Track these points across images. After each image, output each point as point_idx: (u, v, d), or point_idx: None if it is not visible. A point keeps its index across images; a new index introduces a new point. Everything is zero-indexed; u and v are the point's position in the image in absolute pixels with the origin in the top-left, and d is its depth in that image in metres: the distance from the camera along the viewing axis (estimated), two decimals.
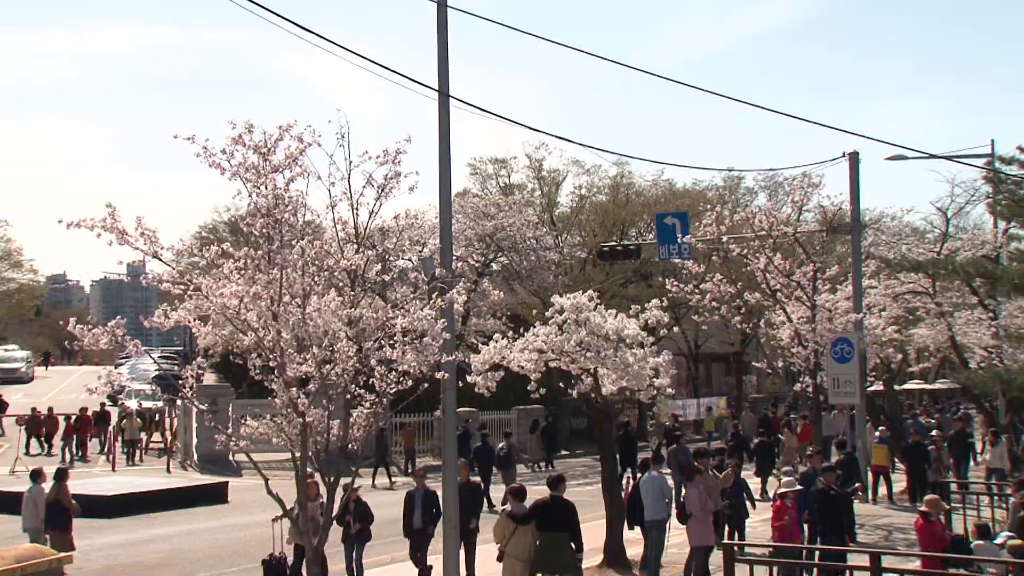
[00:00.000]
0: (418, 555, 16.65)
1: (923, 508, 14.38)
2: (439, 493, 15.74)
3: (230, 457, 32.11)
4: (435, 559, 16.15)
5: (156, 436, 38.65)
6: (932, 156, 28.93)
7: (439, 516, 15.91)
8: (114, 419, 37.96)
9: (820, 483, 16.43)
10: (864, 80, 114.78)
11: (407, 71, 13.35)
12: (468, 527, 16.29)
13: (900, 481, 26.83)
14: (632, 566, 17.34)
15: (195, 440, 34.56)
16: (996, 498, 21.61)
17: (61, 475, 17.44)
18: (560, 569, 13.72)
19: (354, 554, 16.49)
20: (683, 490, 17.18)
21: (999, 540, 13.53)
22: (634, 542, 17.71)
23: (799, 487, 16.38)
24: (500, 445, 28.61)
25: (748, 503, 18.69)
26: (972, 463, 30.82)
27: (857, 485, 17.20)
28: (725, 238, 26.83)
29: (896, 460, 27.57)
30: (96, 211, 10.79)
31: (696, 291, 26.42)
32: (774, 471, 26.33)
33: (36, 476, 17.64)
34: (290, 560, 15.15)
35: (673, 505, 17.82)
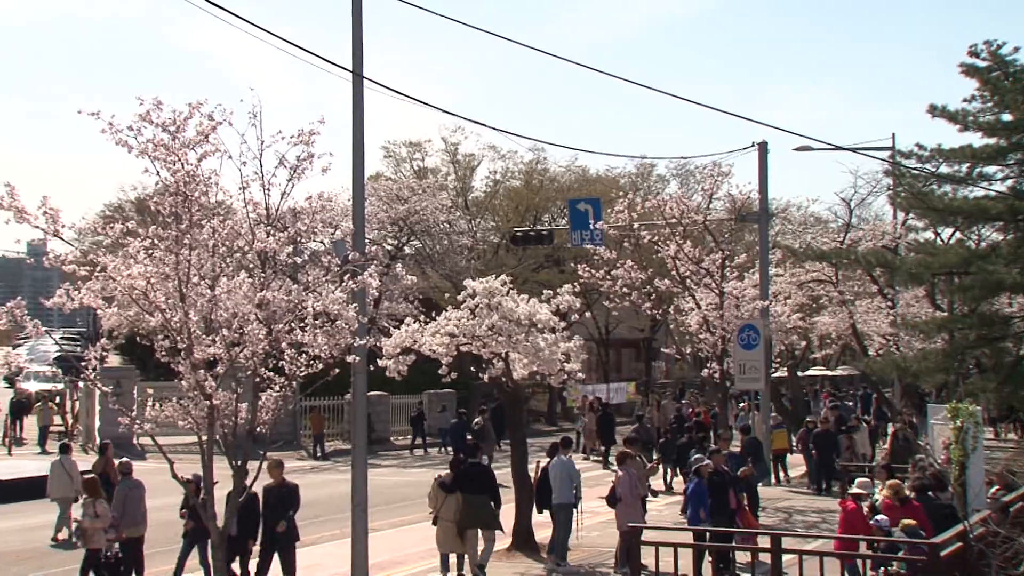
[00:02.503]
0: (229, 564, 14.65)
1: (856, 491, 14.67)
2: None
3: (134, 441, 31.50)
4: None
5: (56, 420, 37.74)
6: (837, 148, 29.73)
7: (254, 520, 14.82)
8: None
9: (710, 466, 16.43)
10: (775, 68, 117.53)
11: (322, 53, 13.22)
12: (276, 530, 15.06)
13: (799, 465, 27.34)
14: (540, 549, 17.50)
15: (98, 423, 33.83)
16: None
17: (104, 449, 18.99)
18: (483, 524, 15.95)
19: (194, 552, 15.35)
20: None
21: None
22: (543, 526, 17.87)
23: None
24: (476, 420, 29.54)
25: (650, 491, 18.89)
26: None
27: (742, 470, 17.38)
28: (637, 225, 27.14)
29: (796, 444, 28.08)
30: None
31: (607, 277, 26.69)
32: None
33: (65, 449, 20.03)
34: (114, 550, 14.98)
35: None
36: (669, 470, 25.63)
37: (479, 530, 16.08)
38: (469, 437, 26.22)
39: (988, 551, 11.56)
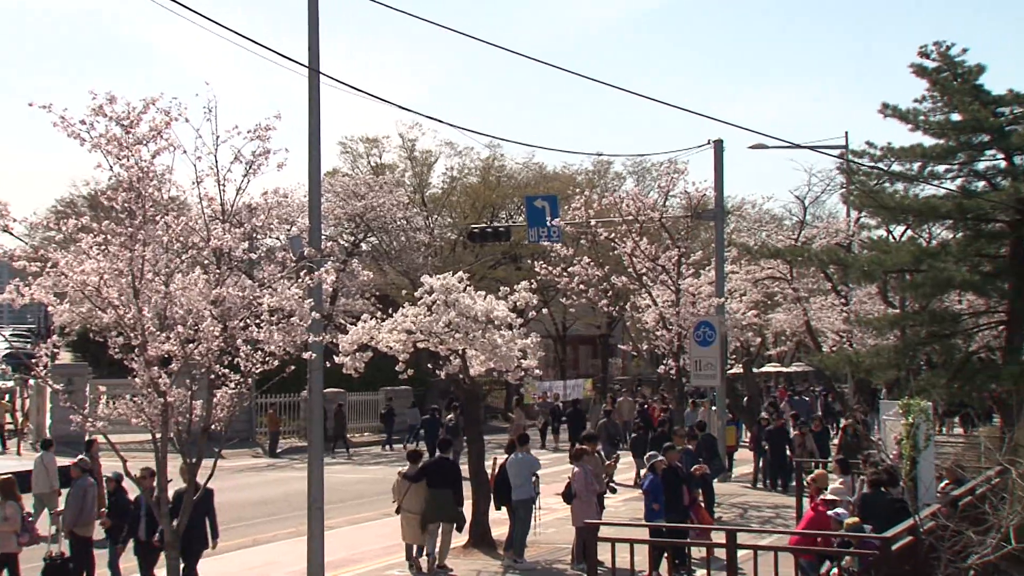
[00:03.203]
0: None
1: (829, 497, 14.79)
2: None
3: (86, 439, 31.11)
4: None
5: (8, 417, 37.17)
6: (791, 146, 29.96)
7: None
8: None
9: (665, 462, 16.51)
10: (730, 66, 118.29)
11: (279, 48, 13.14)
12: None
13: (747, 462, 27.43)
14: (497, 546, 17.52)
15: (48, 421, 33.37)
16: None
17: (90, 445, 18.29)
18: (445, 518, 16.27)
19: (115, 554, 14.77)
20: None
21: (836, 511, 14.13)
22: (500, 522, 17.90)
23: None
24: (448, 416, 29.66)
25: (610, 485, 18.98)
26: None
27: (695, 467, 17.49)
28: (593, 222, 27.19)
29: (747, 441, 28.22)
30: None
31: (564, 274, 26.72)
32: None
33: (47, 445, 19.94)
34: (60, 551, 14.71)
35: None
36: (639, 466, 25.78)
37: (441, 524, 16.35)
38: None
39: (938, 545, 11.74)
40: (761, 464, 26.10)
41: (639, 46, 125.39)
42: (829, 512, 14.13)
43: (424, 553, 16.45)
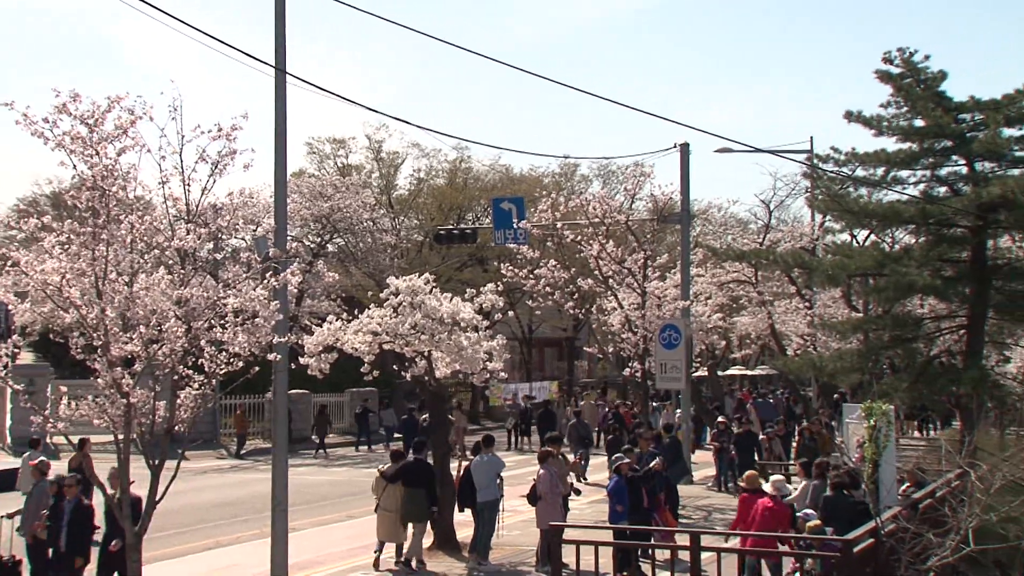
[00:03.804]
0: None
1: (769, 490, 14.89)
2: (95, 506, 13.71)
3: (48, 440, 30.80)
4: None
5: None
6: (757, 150, 30.38)
7: (84, 536, 13.46)
8: None
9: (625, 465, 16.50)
10: (697, 70, 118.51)
11: (246, 47, 13.08)
12: (109, 549, 13.16)
13: (708, 464, 27.46)
14: (462, 548, 17.50)
15: (8, 422, 33.00)
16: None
17: (82, 444, 17.76)
18: (414, 518, 16.57)
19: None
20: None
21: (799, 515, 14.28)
22: (464, 524, 17.88)
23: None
24: (424, 416, 29.54)
25: (574, 488, 18.99)
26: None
27: (653, 463, 17.52)
28: (560, 224, 27.27)
29: (709, 442, 28.13)
30: None
31: (531, 276, 26.78)
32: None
33: (34, 444, 20.34)
34: (19, 556, 14.47)
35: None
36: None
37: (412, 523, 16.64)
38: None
39: (898, 547, 11.86)
40: (726, 468, 25.39)
41: (609, 49, 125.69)
42: (799, 513, 14.28)
43: (400, 554, 16.62)
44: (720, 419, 27.58)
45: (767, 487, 15.07)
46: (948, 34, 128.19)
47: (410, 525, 16.62)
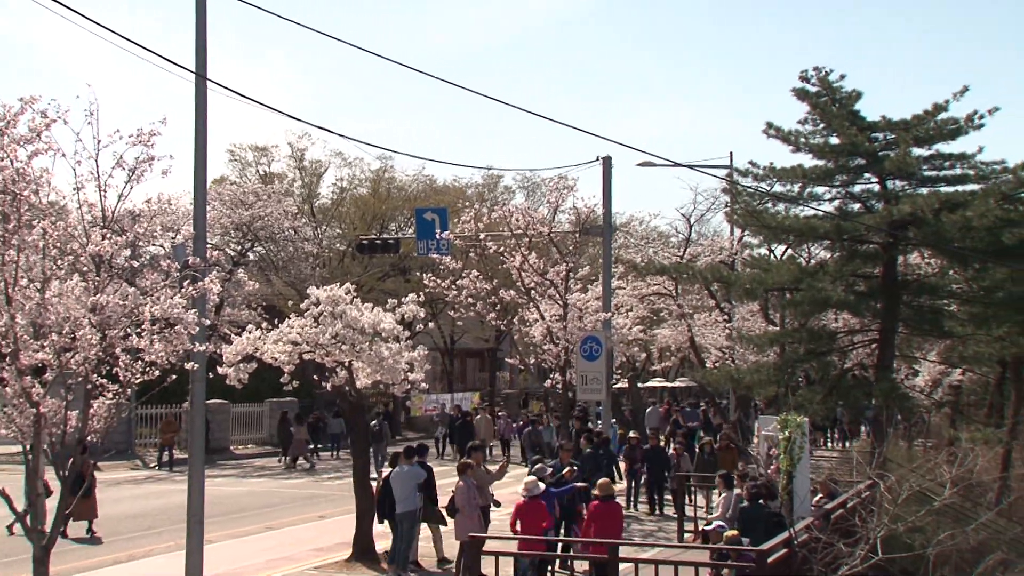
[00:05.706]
0: None
1: (597, 492, 14.97)
2: None
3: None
4: None
5: None
6: (678, 164, 30.80)
7: None
8: None
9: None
10: (620, 84, 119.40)
11: (165, 52, 12.89)
12: None
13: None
14: (381, 560, 17.40)
15: None
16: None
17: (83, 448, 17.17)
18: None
19: None
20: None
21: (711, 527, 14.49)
22: (384, 536, 17.79)
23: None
24: (372, 423, 29.43)
25: (494, 499, 18.98)
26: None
27: (565, 470, 17.66)
28: (483, 235, 27.33)
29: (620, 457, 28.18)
30: None
31: (453, 287, 26.77)
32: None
33: None
34: None
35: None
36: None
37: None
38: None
39: (811, 556, 12.12)
40: (633, 484, 24.37)
41: (533, 61, 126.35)
42: (710, 526, 14.47)
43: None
44: (632, 435, 27.19)
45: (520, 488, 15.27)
46: (865, 54, 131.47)
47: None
